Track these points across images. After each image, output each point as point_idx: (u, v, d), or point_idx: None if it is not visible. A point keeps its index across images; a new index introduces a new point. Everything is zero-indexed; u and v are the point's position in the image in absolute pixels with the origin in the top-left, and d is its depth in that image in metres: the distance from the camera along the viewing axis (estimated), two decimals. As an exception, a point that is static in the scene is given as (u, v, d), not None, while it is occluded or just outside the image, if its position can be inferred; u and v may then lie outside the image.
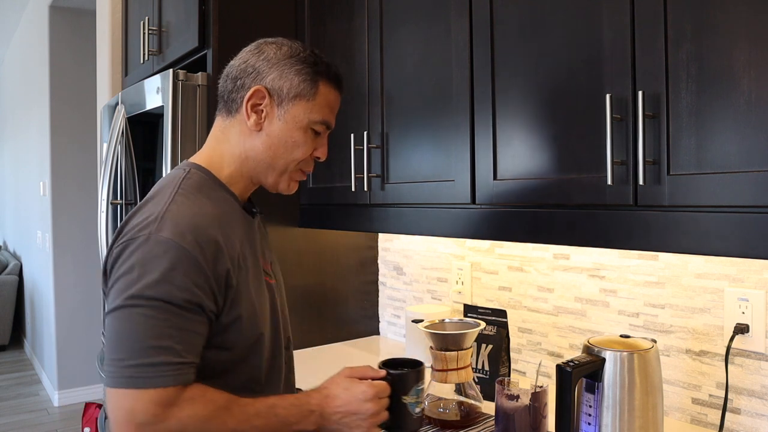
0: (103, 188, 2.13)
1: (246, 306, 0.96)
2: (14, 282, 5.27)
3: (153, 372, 0.85)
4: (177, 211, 0.92)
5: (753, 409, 1.19)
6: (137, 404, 0.84)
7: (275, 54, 1.04)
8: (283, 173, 1.06)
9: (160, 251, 0.88)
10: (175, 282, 0.87)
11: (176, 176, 1.01)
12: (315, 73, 1.04)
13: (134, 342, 0.86)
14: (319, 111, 1.04)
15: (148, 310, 0.86)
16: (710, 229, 0.89)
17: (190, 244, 0.89)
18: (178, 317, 0.87)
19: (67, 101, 4.06)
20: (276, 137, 1.03)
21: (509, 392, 1.13)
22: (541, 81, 1.14)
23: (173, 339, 0.87)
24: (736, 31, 0.85)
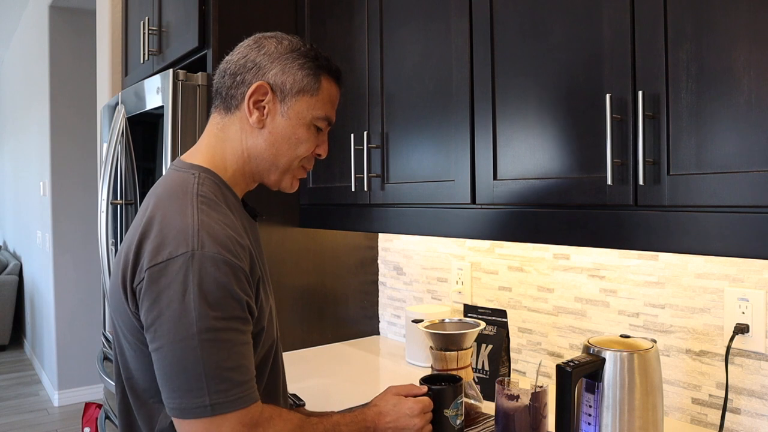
0: (103, 188, 2.13)
1: (266, 314, 0.97)
2: (14, 282, 5.27)
3: (234, 394, 0.84)
4: (209, 224, 0.88)
5: (753, 409, 1.19)
6: (227, 428, 0.83)
7: (276, 48, 1.00)
8: (287, 171, 1.03)
9: (212, 269, 0.84)
10: (235, 298, 0.86)
11: (188, 183, 0.95)
12: (317, 67, 1.01)
13: (209, 369, 0.83)
14: (322, 106, 1.02)
15: (219, 334, 0.84)
16: (710, 229, 0.89)
17: (235, 255, 0.87)
18: (242, 333, 0.87)
19: (67, 101, 4.06)
20: (279, 134, 1.00)
21: (509, 392, 1.13)
22: (541, 81, 1.14)
23: (243, 357, 0.86)
24: (736, 31, 0.85)
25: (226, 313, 0.85)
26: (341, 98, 1.72)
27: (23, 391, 4.28)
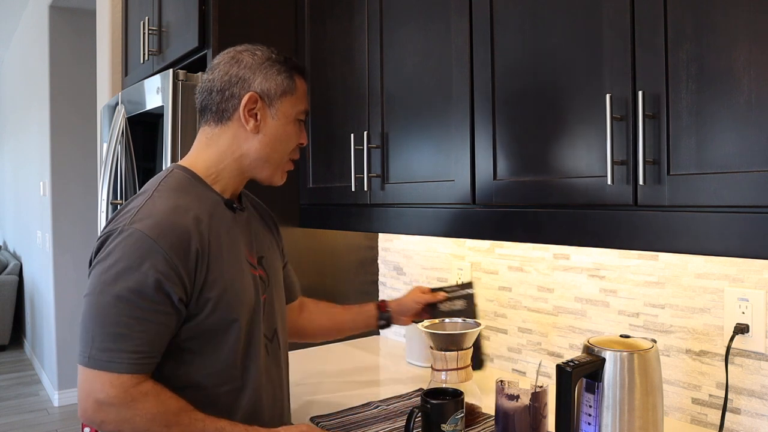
0: (103, 188, 2.13)
1: (217, 291, 1.03)
2: (14, 282, 5.27)
3: (110, 357, 0.94)
4: (152, 206, 1.01)
5: (753, 409, 1.19)
6: (96, 384, 0.94)
7: (253, 60, 1.12)
8: (279, 165, 1.15)
9: (131, 243, 0.96)
10: (142, 272, 0.95)
11: (159, 177, 1.10)
12: (290, 69, 1.14)
13: (99, 327, 0.95)
14: (301, 102, 1.15)
15: (114, 299, 0.95)
16: (710, 229, 0.89)
17: (159, 235, 0.97)
18: (142, 308, 0.95)
19: (67, 101, 4.06)
20: (273, 135, 1.12)
21: (509, 392, 1.13)
22: (541, 81, 1.14)
23: (132, 329, 0.95)
24: (736, 31, 0.85)
25: (128, 284, 0.95)
26: (341, 98, 1.73)
27: (23, 391, 4.28)
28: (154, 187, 1.06)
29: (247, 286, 1.09)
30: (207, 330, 1.03)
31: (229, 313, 1.04)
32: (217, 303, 1.03)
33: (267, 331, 1.15)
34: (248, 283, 1.09)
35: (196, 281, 1.00)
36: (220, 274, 1.04)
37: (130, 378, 0.94)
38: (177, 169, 1.11)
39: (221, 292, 1.03)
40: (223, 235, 1.07)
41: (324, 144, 1.81)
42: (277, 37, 1.90)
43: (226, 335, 1.05)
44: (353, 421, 1.33)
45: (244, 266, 1.10)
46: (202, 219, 1.04)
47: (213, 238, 1.04)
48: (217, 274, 1.03)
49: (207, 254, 1.02)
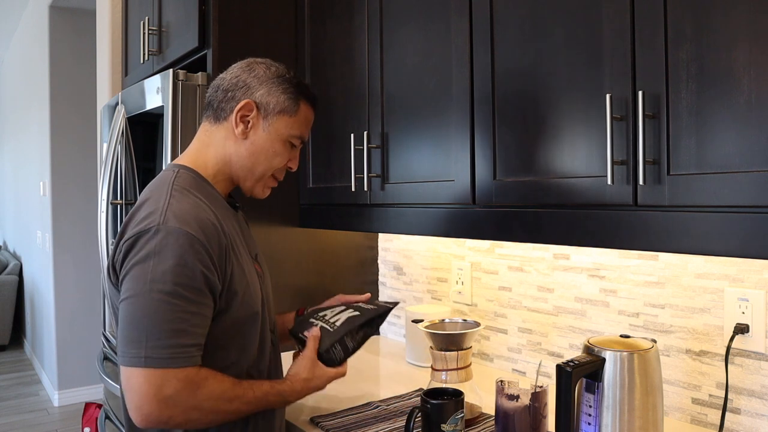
0: (103, 188, 2.13)
1: (242, 284, 1.07)
2: (14, 282, 5.27)
3: (172, 353, 0.95)
4: (177, 204, 1.03)
5: (753, 409, 1.19)
6: (159, 382, 0.95)
7: (265, 73, 1.16)
8: (260, 179, 1.18)
9: (171, 239, 0.98)
10: (188, 266, 0.97)
11: (167, 177, 1.11)
12: (298, 92, 1.17)
13: (154, 326, 0.95)
14: (299, 126, 1.18)
15: (166, 296, 0.96)
16: (710, 229, 0.89)
17: (195, 229, 1.00)
18: (191, 302, 0.98)
19: (67, 101, 4.06)
20: (259, 146, 1.15)
21: (509, 392, 1.13)
22: (541, 81, 1.14)
23: (188, 323, 0.97)
24: (736, 31, 0.85)
25: (178, 279, 0.97)
26: (341, 98, 1.73)
27: (23, 391, 4.28)
28: (168, 188, 1.07)
29: (255, 282, 1.14)
30: (235, 324, 1.07)
31: (252, 306, 1.10)
32: (243, 296, 1.07)
33: (271, 325, 1.21)
34: (255, 279, 1.14)
35: (225, 274, 1.04)
36: (240, 268, 1.08)
37: (192, 369, 0.98)
38: (182, 170, 1.13)
39: (245, 285, 1.08)
40: (233, 232, 1.11)
41: (324, 144, 1.81)
42: (277, 37, 1.90)
43: (251, 329, 1.11)
44: (353, 421, 1.33)
45: (250, 262, 1.15)
46: (218, 216, 1.08)
47: (229, 235, 1.08)
48: (239, 269, 1.07)
49: (230, 249, 1.06)
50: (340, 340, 1.23)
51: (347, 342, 1.24)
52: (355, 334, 1.26)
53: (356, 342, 1.26)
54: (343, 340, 1.23)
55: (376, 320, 1.30)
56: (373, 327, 1.30)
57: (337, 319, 1.27)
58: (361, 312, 1.29)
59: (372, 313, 1.29)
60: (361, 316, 1.27)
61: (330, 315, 1.29)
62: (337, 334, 1.23)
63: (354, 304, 1.34)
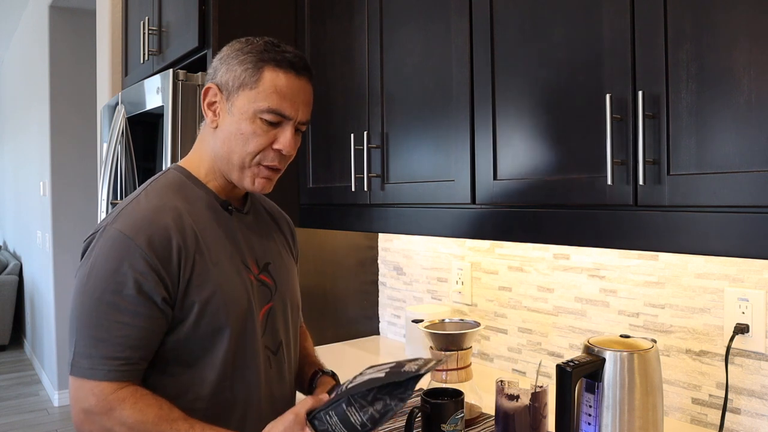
0: (103, 188, 2.13)
1: (206, 294, 0.96)
2: (14, 282, 5.27)
3: (91, 364, 0.90)
4: (135, 207, 0.97)
5: (753, 409, 1.19)
6: (80, 393, 0.91)
7: (228, 51, 1.04)
8: (243, 168, 1.02)
9: (108, 243, 0.93)
10: (120, 271, 0.91)
11: (153, 177, 1.07)
12: (259, 60, 1.00)
13: (80, 332, 0.91)
14: (265, 98, 0.99)
15: (94, 303, 0.91)
16: (710, 229, 0.89)
17: (136, 233, 0.93)
18: (123, 312, 0.91)
19: (67, 101, 4.06)
20: (227, 131, 1.01)
21: (509, 392, 1.13)
22: (541, 81, 1.14)
23: (112, 333, 0.90)
24: (736, 31, 0.85)
25: (107, 285, 0.91)
26: (341, 98, 1.73)
27: (23, 391, 4.28)
28: (144, 188, 1.03)
29: (240, 292, 1.00)
30: (195, 339, 0.96)
31: (218, 319, 0.97)
32: (205, 307, 0.96)
33: (270, 344, 1.06)
34: (240, 289, 1.01)
35: (180, 280, 0.94)
36: (208, 275, 0.97)
37: (109, 385, 0.89)
38: (173, 169, 1.07)
39: (209, 295, 0.96)
40: (212, 235, 1.01)
41: (324, 144, 1.81)
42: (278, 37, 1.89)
43: (215, 344, 0.97)
44: (353, 421, 1.32)
45: (239, 270, 1.02)
46: (186, 217, 0.98)
47: (200, 237, 0.98)
48: (204, 276, 0.96)
49: (192, 252, 0.96)
50: (336, 408, 0.90)
51: (351, 413, 0.89)
52: (363, 402, 0.89)
53: (365, 416, 0.88)
54: (341, 408, 0.89)
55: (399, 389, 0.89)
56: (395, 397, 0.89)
57: (359, 380, 0.93)
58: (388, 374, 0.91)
59: (396, 376, 0.88)
60: (382, 379, 0.89)
61: (359, 376, 0.95)
62: (337, 399, 0.91)
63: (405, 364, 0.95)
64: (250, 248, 1.07)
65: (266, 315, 1.06)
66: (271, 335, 1.06)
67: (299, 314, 1.18)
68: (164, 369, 0.96)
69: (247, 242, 1.07)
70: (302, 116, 1.02)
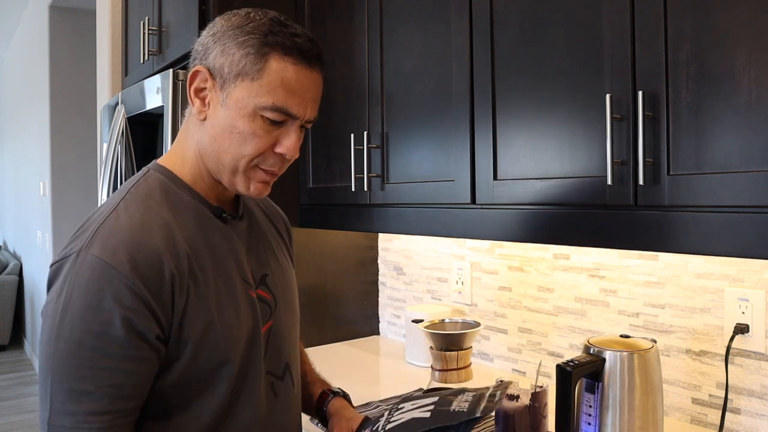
0: (103, 188, 2.13)
1: (201, 325, 0.81)
2: (14, 282, 5.27)
3: (74, 423, 0.73)
4: (115, 223, 0.79)
5: (753, 409, 1.19)
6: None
7: (223, 25, 0.84)
8: (236, 172, 0.85)
9: (86, 273, 0.75)
10: (103, 308, 0.74)
11: (131, 182, 0.88)
12: (263, 44, 0.81)
13: (57, 384, 0.74)
14: (269, 93, 0.81)
15: (73, 348, 0.74)
16: (710, 229, 0.89)
17: (119, 260, 0.75)
18: (110, 357, 0.74)
19: (67, 101, 4.06)
20: (219, 127, 0.83)
21: (509, 392, 1.13)
22: (541, 81, 1.14)
23: (99, 383, 0.74)
24: (736, 31, 0.85)
25: (88, 326, 0.74)
26: (341, 98, 1.73)
27: (23, 391, 4.28)
28: (121, 197, 0.84)
29: (243, 316, 0.86)
30: (191, 377, 0.81)
31: (218, 353, 0.82)
32: (201, 342, 0.80)
33: (273, 368, 0.92)
34: (244, 311, 0.87)
35: (174, 312, 0.78)
36: (203, 304, 0.81)
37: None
38: (153, 171, 0.88)
39: (206, 326, 0.81)
40: (207, 253, 0.85)
41: (324, 144, 1.81)
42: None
43: (214, 381, 0.83)
44: (353, 421, 1.32)
45: (238, 289, 0.87)
46: (177, 235, 0.81)
47: (194, 257, 0.82)
48: (199, 305, 0.81)
49: (186, 279, 0.80)
50: None
51: None
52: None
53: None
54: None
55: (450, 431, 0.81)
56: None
57: (399, 418, 0.83)
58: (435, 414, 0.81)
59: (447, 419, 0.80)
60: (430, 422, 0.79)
61: (397, 412, 0.87)
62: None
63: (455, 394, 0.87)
64: (247, 259, 0.91)
65: (266, 335, 0.91)
66: (274, 357, 0.93)
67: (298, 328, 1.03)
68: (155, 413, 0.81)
69: (243, 253, 0.91)
70: (310, 114, 0.86)
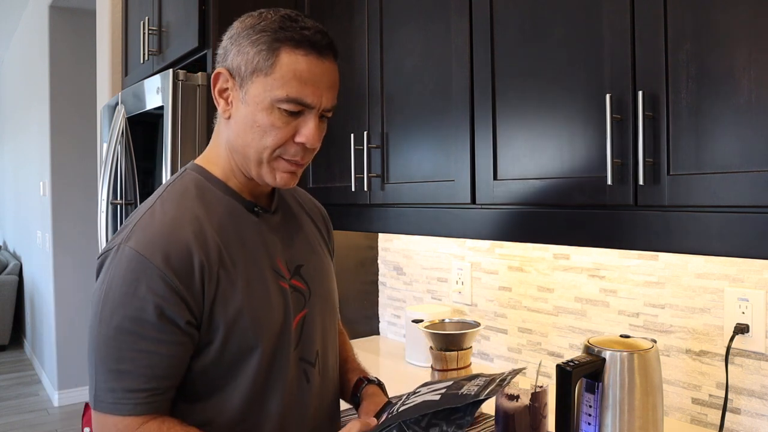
0: (103, 188, 2.13)
1: (232, 313, 0.88)
2: (14, 282, 5.27)
3: (114, 398, 0.82)
4: (151, 218, 0.88)
5: (753, 409, 1.19)
6: (103, 428, 0.84)
7: (239, 27, 0.92)
8: (261, 164, 0.92)
9: (123, 264, 0.84)
10: (139, 297, 0.82)
11: (169, 180, 0.97)
12: (274, 40, 0.88)
13: (101, 364, 0.83)
14: (283, 86, 0.87)
15: (113, 332, 0.82)
16: (710, 229, 0.89)
17: (154, 252, 0.83)
18: (145, 340, 0.82)
19: (67, 101, 4.06)
20: (242, 123, 0.90)
21: (509, 392, 1.13)
22: (541, 81, 1.14)
23: (136, 364, 0.82)
24: (736, 31, 0.85)
25: (126, 312, 0.82)
26: (341, 98, 1.72)
27: (23, 391, 4.28)
28: (158, 195, 0.93)
29: (274, 304, 0.92)
30: (223, 361, 0.88)
31: (247, 339, 0.88)
32: (232, 328, 0.87)
33: (306, 355, 0.97)
34: (276, 301, 0.93)
35: (205, 301, 0.86)
36: (234, 292, 0.88)
37: (135, 420, 0.82)
38: (190, 170, 0.97)
39: (236, 314, 0.88)
40: (238, 245, 0.91)
41: (324, 144, 1.80)
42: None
43: (244, 367, 0.90)
44: (353, 421, 1.32)
45: (269, 279, 0.93)
46: (208, 228, 0.89)
47: (225, 250, 0.89)
48: (230, 293, 0.88)
49: (216, 269, 0.87)
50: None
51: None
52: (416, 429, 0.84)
53: None
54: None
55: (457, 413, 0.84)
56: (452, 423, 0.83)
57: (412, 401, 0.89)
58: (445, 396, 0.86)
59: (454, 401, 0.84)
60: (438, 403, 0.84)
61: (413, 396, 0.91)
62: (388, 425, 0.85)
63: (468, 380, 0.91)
64: (280, 252, 0.97)
65: (300, 324, 0.97)
66: (307, 345, 0.98)
67: (336, 316, 1.09)
68: (190, 395, 0.89)
69: (276, 245, 0.97)
70: (327, 102, 0.92)
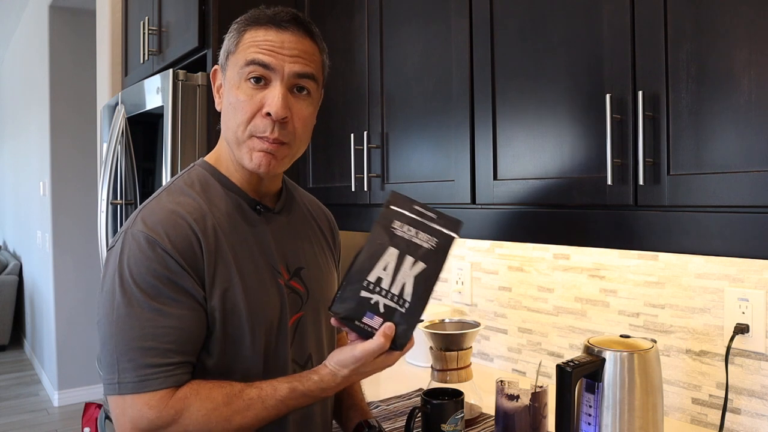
0: (103, 188, 2.13)
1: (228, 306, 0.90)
2: (14, 282, 5.27)
3: (142, 376, 0.83)
4: (156, 206, 0.91)
5: (753, 409, 1.19)
6: (135, 411, 0.83)
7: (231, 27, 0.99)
8: (239, 145, 0.93)
9: (134, 247, 0.86)
10: (151, 268, 0.85)
11: (178, 174, 1.00)
12: (242, 26, 0.95)
13: (123, 345, 0.84)
14: (243, 56, 0.92)
15: (133, 310, 0.84)
16: (710, 229, 0.89)
17: (159, 232, 0.87)
18: (163, 313, 0.84)
19: (67, 101, 4.06)
20: (224, 109, 0.95)
21: (509, 392, 1.13)
22: (541, 81, 1.14)
23: (159, 339, 0.84)
24: (736, 31, 0.85)
25: (144, 289, 0.84)
26: (341, 98, 1.73)
27: (23, 391, 4.28)
28: (166, 186, 0.96)
29: (270, 299, 0.94)
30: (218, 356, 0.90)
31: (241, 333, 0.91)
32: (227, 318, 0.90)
33: (298, 357, 0.98)
34: (272, 297, 0.94)
35: (206, 282, 0.88)
36: (231, 281, 0.90)
37: (167, 392, 0.83)
38: (198, 166, 1.00)
39: (232, 304, 0.90)
40: (236, 239, 0.93)
41: (324, 144, 1.81)
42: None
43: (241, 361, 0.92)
44: (353, 421, 1.32)
45: (266, 276, 0.95)
46: (209, 219, 0.91)
47: (223, 240, 0.91)
48: (227, 282, 0.90)
49: (214, 255, 0.90)
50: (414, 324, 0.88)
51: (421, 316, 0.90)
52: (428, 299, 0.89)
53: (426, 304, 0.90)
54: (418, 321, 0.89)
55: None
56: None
57: (402, 285, 0.89)
58: (428, 261, 0.90)
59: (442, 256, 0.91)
60: (434, 271, 0.90)
61: (387, 279, 0.90)
62: (413, 318, 0.88)
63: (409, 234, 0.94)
64: (281, 252, 0.99)
65: (295, 325, 0.98)
66: (298, 347, 0.98)
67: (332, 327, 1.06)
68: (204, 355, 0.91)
69: (278, 245, 0.99)
70: (291, 67, 0.91)
